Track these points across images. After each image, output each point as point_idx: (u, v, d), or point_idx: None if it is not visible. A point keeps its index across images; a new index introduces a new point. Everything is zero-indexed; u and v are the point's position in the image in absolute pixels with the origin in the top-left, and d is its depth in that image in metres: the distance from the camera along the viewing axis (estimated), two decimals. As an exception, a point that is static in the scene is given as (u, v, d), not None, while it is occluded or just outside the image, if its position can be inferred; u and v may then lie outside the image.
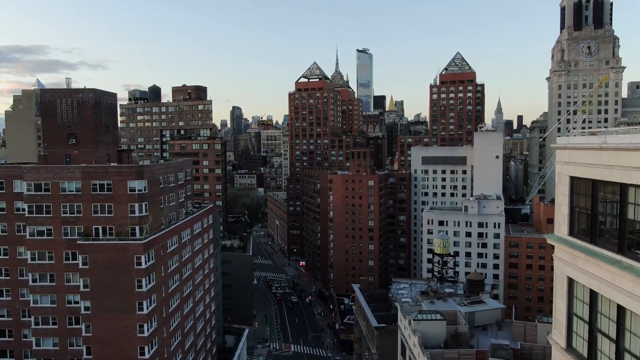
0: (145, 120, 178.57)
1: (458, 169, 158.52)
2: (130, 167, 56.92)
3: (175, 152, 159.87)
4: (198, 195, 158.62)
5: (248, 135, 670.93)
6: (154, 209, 59.65)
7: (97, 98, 60.93)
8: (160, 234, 58.76)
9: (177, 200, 68.53)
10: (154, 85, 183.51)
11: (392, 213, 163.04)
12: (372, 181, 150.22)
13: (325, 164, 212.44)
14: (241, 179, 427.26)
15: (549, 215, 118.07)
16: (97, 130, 61.11)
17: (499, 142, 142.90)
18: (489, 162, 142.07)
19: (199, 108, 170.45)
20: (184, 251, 68.37)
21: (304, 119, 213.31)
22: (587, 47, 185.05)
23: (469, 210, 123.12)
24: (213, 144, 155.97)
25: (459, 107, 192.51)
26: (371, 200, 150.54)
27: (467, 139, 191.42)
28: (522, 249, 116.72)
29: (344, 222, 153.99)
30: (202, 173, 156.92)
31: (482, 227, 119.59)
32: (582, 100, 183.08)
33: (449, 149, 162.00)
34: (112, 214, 55.92)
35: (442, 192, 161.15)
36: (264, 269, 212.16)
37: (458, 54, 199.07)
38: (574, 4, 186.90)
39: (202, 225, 78.14)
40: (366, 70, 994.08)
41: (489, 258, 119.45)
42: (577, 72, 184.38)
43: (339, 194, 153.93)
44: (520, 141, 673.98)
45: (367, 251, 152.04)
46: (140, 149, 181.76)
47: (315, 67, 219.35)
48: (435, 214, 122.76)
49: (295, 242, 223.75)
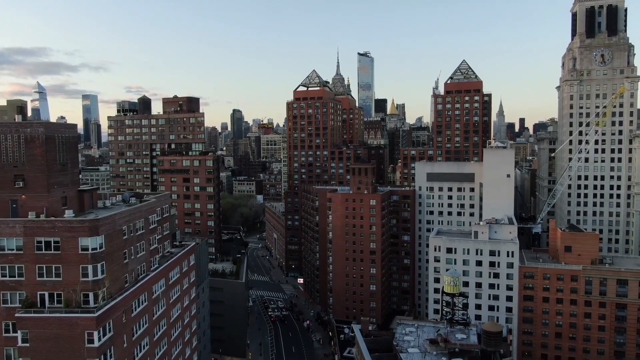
0: (135, 133, 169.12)
1: (465, 187, 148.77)
2: (82, 222, 47.28)
3: (165, 168, 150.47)
4: (189, 214, 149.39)
5: (248, 140, 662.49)
6: (115, 267, 50.21)
7: (49, 132, 51.50)
8: (121, 299, 49.24)
9: (148, 248, 59.10)
10: (144, 97, 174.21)
11: (395, 233, 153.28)
12: (373, 200, 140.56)
13: (324, 176, 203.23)
14: (240, 185, 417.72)
15: (567, 243, 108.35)
16: (50, 169, 51.65)
17: (510, 160, 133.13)
18: (500, 182, 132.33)
19: (191, 121, 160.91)
20: (157, 307, 58.87)
21: (303, 129, 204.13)
22: (600, 56, 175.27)
23: (479, 236, 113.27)
24: (204, 160, 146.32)
25: (465, 118, 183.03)
26: (373, 221, 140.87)
27: (473, 151, 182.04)
28: (538, 280, 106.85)
29: (343, 244, 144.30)
30: (193, 191, 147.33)
31: (494, 255, 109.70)
32: (595, 111, 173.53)
33: (456, 165, 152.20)
34: (60, 278, 46.47)
35: (448, 211, 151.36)
36: (261, 286, 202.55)
37: (464, 62, 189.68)
38: (586, 10, 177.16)
39: (181, 270, 68.60)
40: (367, 73, 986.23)
41: (502, 289, 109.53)
42: (589, 82, 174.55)
43: (339, 213, 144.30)
44: (524, 146, 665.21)
45: (368, 275, 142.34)
46: (129, 163, 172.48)
47: (315, 76, 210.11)
48: (443, 240, 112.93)
49: (293, 257, 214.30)
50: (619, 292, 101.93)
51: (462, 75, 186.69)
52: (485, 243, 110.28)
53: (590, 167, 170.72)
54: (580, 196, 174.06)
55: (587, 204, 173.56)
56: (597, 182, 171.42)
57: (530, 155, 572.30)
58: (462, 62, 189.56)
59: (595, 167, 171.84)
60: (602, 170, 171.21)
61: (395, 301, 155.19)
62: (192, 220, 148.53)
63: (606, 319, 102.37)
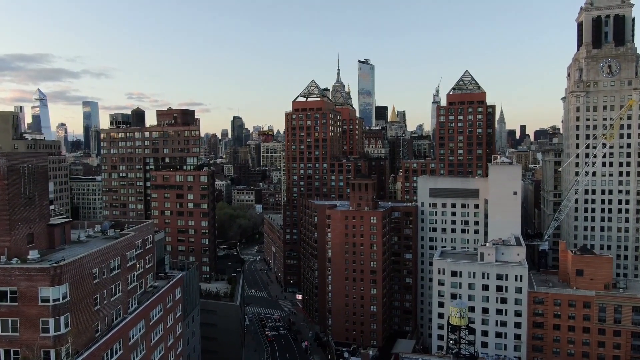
0: (128, 147, 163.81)
1: (470, 203, 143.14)
2: (42, 270, 41.69)
3: (158, 184, 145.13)
4: (182, 232, 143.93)
5: (248, 148, 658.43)
6: (83, 316, 44.73)
7: (12, 164, 46.20)
8: (89, 353, 43.60)
9: (125, 288, 53.61)
10: (138, 109, 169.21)
11: (396, 251, 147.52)
12: (374, 218, 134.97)
13: (324, 189, 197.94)
14: (239, 194, 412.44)
15: (578, 266, 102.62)
16: (13, 204, 46.31)
17: (516, 177, 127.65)
18: (506, 199, 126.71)
19: (185, 134, 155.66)
20: (135, 353, 53.23)
21: (302, 141, 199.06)
22: (607, 66, 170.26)
23: (486, 257, 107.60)
24: (199, 175, 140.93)
25: (468, 130, 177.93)
26: (374, 239, 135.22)
27: (477, 164, 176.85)
28: (548, 306, 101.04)
29: (343, 263, 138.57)
30: (187, 208, 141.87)
31: (502, 279, 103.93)
32: (603, 123, 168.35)
33: (460, 180, 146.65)
34: (17, 333, 41.06)
35: (452, 228, 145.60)
36: (258, 302, 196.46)
37: (467, 73, 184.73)
38: (593, 19, 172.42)
39: (164, 307, 63.03)
40: (368, 80, 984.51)
41: (510, 315, 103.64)
42: (596, 93, 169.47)
43: (338, 231, 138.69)
44: (525, 154, 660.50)
45: (369, 295, 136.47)
46: (122, 177, 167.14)
47: (314, 86, 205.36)
48: (448, 263, 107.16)
49: (292, 272, 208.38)
50: (635, 320, 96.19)
51: (465, 86, 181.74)
52: (492, 266, 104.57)
53: (598, 182, 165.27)
54: (588, 211, 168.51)
55: (595, 219, 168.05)
56: (605, 196, 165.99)
57: (532, 163, 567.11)
58: (464, 73, 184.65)
59: (603, 181, 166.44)
60: (610, 185, 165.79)
61: (397, 322, 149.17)
62: (185, 238, 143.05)
63: (621, 348, 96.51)
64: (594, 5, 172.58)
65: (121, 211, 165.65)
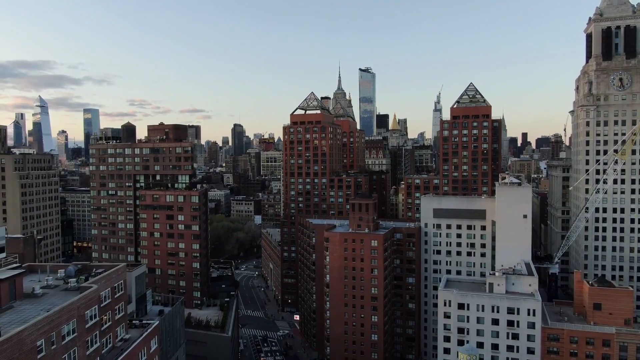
0: (117, 163, 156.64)
1: (476, 224, 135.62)
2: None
3: (147, 204, 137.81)
4: (172, 255, 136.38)
5: (248, 156, 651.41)
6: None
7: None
8: None
9: (84, 353, 46.09)
10: (128, 123, 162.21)
11: (398, 274, 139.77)
12: (375, 241, 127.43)
13: (323, 205, 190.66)
14: (238, 205, 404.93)
15: (596, 300, 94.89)
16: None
17: (526, 199, 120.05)
18: (515, 223, 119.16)
19: (177, 150, 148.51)
20: None
21: (300, 155, 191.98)
22: (618, 79, 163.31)
23: (495, 288, 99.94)
24: (190, 195, 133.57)
25: (473, 146, 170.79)
26: (374, 264, 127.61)
27: (482, 181, 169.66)
28: (564, 343, 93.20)
29: (342, 289, 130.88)
30: (177, 229, 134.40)
31: (513, 313, 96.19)
32: (614, 138, 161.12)
33: (465, 200, 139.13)
34: None
35: (457, 251, 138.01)
36: (254, 323, 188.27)
37: (471, 85, 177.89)
38: (603, 30, 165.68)
39: None
40: (369, 88, 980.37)
41: (522, 352, 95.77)
42: (607, 107, 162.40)
43: (337, 254, 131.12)
44: (528, 162, 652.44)
45: (369, 323, 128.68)
46: (111, 195, 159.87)
47: (313, 98, 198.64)
48: (454, 295, 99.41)
49: (289, 292, 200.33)
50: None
51: (469, 99, 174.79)
52: (503, 299, 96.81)
53: (609, 200, 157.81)
54: (599, 230, 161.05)
55: (606, 238, 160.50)
56: (616, 215, 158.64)
57: (535, 173, 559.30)
58: (469, 85, 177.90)
59: (615, 199, 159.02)
60: (622, 203, 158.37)
61: (399, 349, 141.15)
62: (175, 261, 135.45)
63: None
64: (604, 16, 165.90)
65: (110, 230, 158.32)
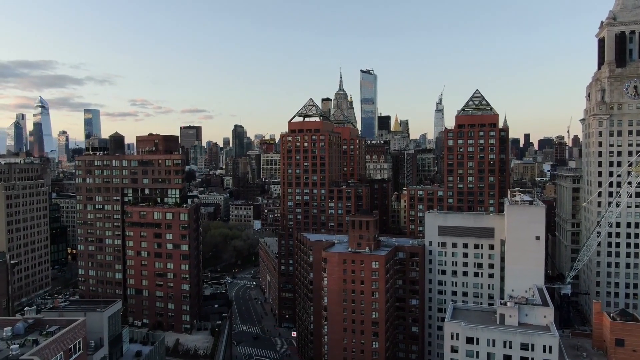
0: (105, 176, 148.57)
1: (484, 243, 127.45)
2: None
3: (134, 221, 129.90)
4: (160, 275, 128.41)
5: (248, 159, 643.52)
6: None
7: None
8: None
9: None
10: (116, 134, 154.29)
11: (401, 296, 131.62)
12: (376, 262, 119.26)
13: (322, 217, 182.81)
14: (237, 210, 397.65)
15: (618, 335, 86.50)
16: None
17: (540, 219, 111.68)
18: (527, 245, 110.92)
19: (167, 163, 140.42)
20: None
21: (298, 164, 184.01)
22: (633, 87, 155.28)
23: (507, 320, 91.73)
24: (178, 212, 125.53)
25: (479, 156, 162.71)
26: (375, 287, 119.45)
27: (489, 193, 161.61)
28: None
29: (341, 312, 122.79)
30: (165, 249, 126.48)
31: (527, 349, 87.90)
32: (628, 149, 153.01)
33: (472, 217, 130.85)
34: None
35: (463, 271, 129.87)
36: (250, 341, 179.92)
37: (477, 92, 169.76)
38: (616, 35, 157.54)
39: None
40: (370, 89, 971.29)
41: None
42: (621, 116, 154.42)
43: (335, 276, 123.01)
44: (531, 165, 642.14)
45: (370, 350, 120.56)
46: (98, 209, 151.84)
47: (312, 105, 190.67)
48: (462, 327, 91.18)
49: (287, 306, 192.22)
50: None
51: (474, 106, 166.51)
52: (515, 333, 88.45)
53: (623, 213, 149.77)
54: (612, 245, 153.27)
55: (620, 254, 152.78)
56: (630, 229, 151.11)
57: (538, 176, 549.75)
58: (475, 92, 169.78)
59: (629, 213, 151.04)
60: (637, 217, 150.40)
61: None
62: (164, 282, 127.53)
63: None
64: (618, 20, 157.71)
65: (97, 246, 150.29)
